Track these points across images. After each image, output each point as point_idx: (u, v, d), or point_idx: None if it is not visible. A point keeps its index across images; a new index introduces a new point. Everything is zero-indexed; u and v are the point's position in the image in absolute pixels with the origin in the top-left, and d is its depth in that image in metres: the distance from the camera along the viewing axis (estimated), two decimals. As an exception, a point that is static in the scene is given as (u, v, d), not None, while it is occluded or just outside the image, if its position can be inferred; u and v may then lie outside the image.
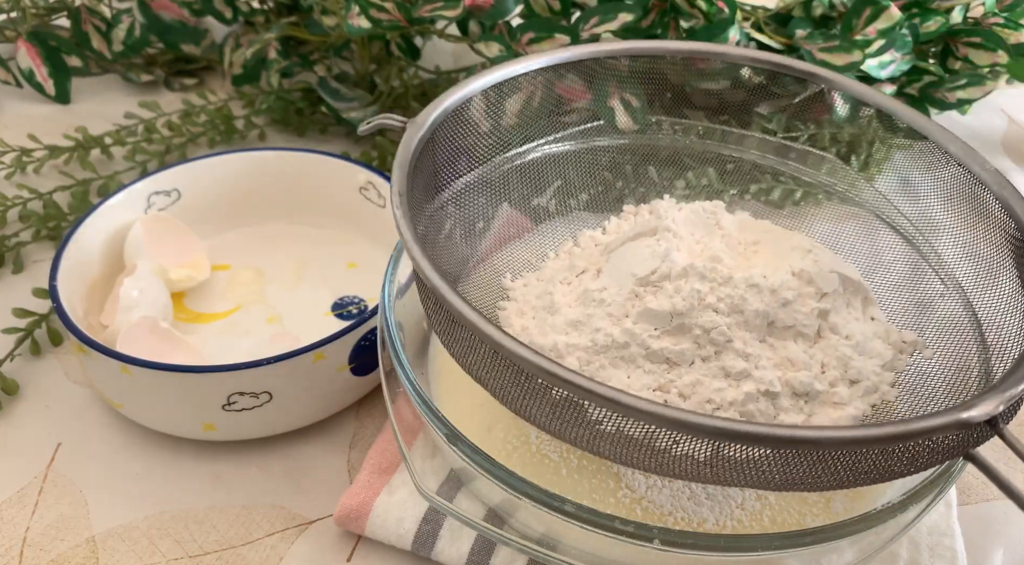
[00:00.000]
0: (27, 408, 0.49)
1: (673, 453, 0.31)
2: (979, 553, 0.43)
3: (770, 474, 0.32)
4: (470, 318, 0.32)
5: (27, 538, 0.43)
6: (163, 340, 0.47)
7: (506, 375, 0.33)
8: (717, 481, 0.32)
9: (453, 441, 0.37)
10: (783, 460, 0.31)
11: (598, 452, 0.33)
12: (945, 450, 0.32)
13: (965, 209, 0.41)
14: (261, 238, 0.58)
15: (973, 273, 0.41)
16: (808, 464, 0.31)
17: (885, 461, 0.32)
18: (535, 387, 0.33)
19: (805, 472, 0.31)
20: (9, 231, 0.60)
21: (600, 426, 0.32)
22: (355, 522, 0.42)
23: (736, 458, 0.31)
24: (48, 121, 0.71)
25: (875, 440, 0.29)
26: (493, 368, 0.34)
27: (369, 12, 0.58)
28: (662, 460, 0.32)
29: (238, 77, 0.70)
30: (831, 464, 0.31)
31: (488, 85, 0.44)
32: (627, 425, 0.31)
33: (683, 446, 0.31)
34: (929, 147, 0.43)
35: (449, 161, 0.43)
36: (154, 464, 0.46)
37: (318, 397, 0.46)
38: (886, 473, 0.32)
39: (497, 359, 0.33)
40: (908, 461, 0.32)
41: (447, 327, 0.36)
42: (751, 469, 0.31)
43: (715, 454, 0.31)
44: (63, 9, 0.73)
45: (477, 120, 0.44)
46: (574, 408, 0.32)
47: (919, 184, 0.44)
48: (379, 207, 0.55)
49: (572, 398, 0.32)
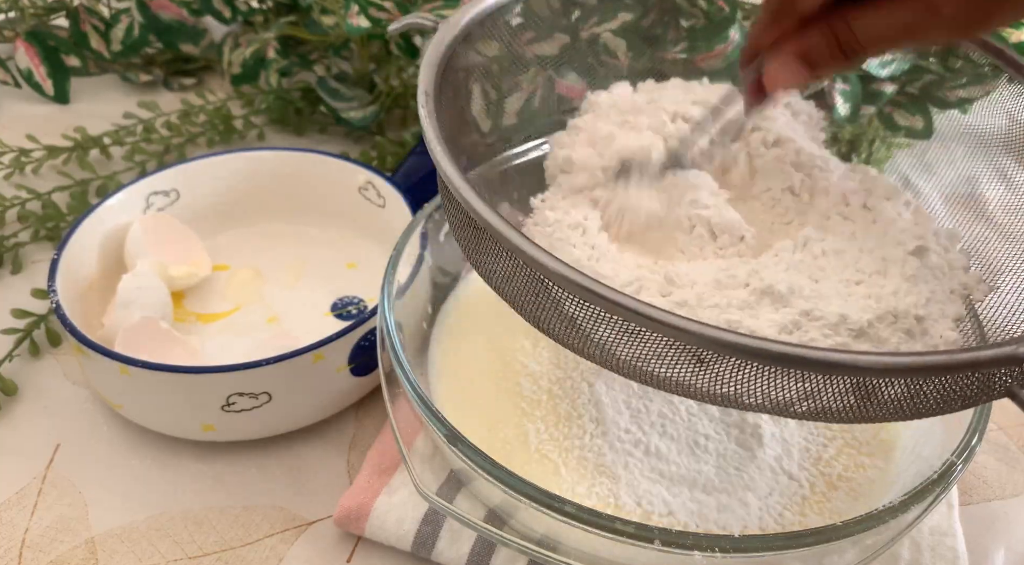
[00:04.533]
0: (26, 409, 0.49)
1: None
2: (980, 553, 0.43)
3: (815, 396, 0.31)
4: (496, 226, 0.31)
5: (26, 539, 0.43)
6: (162, 341, 0.47)
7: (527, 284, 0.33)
8: (775, 410, 0.32)
9: (453, 442, 0.37)
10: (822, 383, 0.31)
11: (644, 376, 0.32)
12: (990, 387, 0.31)
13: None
14: (260, 238, 0.58)
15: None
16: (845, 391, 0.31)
17: (930, 393, 0.31)
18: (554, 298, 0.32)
19: (838, 398, 0.31)
20: (8, 231, 0.60)
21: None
22: (355, 523, 0.42)
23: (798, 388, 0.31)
24: (47, 121, 0.71)
25: (926, 368, 0.29)
26: (515, 278, 0.33)
27: (368, 11, 0.58)
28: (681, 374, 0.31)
29: (237, 77, 0.70)
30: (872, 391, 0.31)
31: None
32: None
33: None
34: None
35: (477, 78, 0.42)
36: (153, 465, 0.46)
37: (317, 398, 0.46)
38: (923, 408, 0.32)
39: (518, 266, 0.33)
40: (947, 397, 0.31)
41: (470, 235, 0.35)
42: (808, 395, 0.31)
43: (790, 384, 0.30)
44: (62, 9, 0.73)
45: (511, 33, 0.42)
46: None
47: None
48: (378, 207, 0.55)
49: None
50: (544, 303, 0.33)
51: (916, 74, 0.64)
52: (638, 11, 0.58)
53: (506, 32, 0.44)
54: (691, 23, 0.58)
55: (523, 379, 0.45)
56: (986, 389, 0.31)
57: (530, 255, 0.30)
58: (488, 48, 0.43)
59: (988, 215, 0.41)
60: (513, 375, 0.45)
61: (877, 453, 0.43)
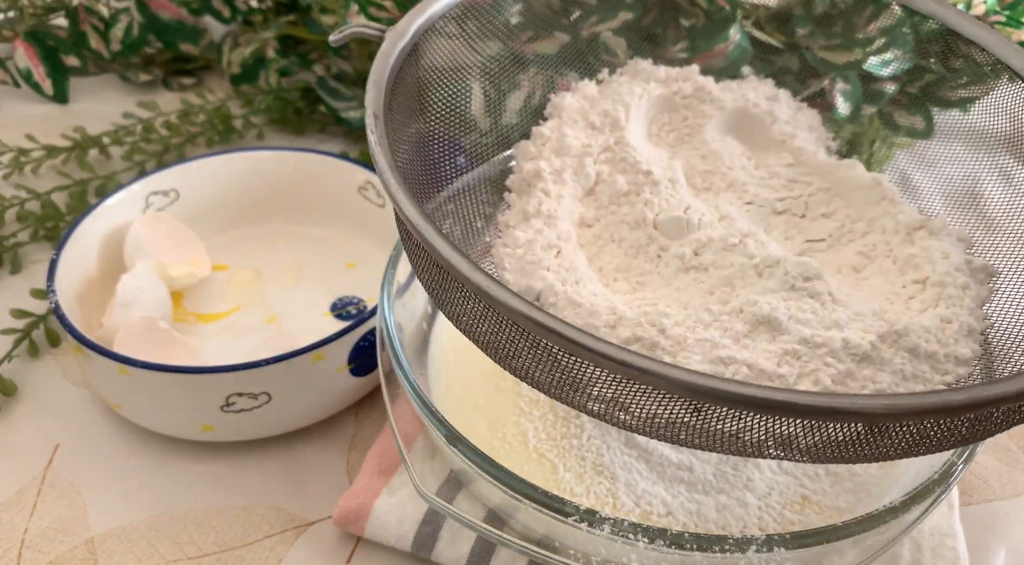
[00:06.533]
0: (25, 409, 0.49)
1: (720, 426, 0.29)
2: (981, 553, 0.42)
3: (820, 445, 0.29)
4: (453, 262, 0.28)
5: (25, 540, 0.43)
6: (162, 341, 0.47)
7: (498, 326, 0.30)
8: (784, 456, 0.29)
9: (453, 442, 0.37)
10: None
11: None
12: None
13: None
14: (260, 238, 0.58)
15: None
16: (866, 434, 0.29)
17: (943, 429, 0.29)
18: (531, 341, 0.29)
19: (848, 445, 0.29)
20: (7, 231, 0.59)
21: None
22: (355, 523, 0.42)
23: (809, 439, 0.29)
24: (46, 121, 0.71)
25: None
26: (484, 317, 0.31)
27: (368, 10, 0.58)
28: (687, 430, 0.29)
29: (236, 76, 0.70)
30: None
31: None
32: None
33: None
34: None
35: (435, 83, 0.37)
36: (153, 465, 0.46)
37: (317, 398, 0.46)
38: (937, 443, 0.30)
39: (488, 309, 0.30)
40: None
41: (432, 272, 0.32)
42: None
43: (807, 436, 0.28)
44: (61, 8, 0.73)
45: (470, 33, 0.38)
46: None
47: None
48: (378, 207, 0.55)
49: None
50: (521, 350, 0.30)
51: (917, 74, 0.64)
52: (638, 10, 0.58)
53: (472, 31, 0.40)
54: (691, 22, 0.58)
55: (523, 379, 0.45)
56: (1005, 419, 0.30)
57: (497, 298, 0.28)
58: (441, 55, 0.39)
59: (988, 215, 0.41)
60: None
61: (878, 453, 0.43)
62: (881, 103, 0.54)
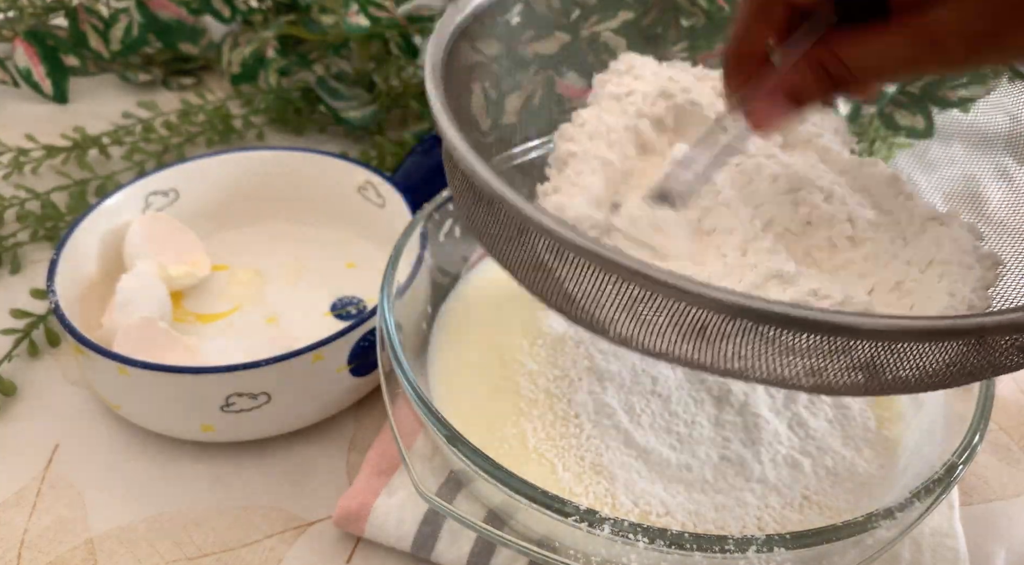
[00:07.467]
0: (25, 409, 0.49)
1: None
2: (981, 554, 0.42)
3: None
4: (501, 193, 0.31)
5: (25, 540, 0.43)
6: (161, 341, 0.47)
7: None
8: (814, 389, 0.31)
9: (452, 442, 0.37)
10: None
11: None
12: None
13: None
14: (259, 238, 0.58)
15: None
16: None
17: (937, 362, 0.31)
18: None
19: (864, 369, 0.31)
20: (6, 231, 0.59)
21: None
22: (354, 524, 0.42)
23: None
24: (45, 121, 0.71)
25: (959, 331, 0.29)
26: (518, 246, 0.33)
27: (368, 10, 0.58)
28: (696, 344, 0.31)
29: (236, 76, 0.70)
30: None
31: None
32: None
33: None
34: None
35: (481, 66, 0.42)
36: (152, 465, 0.46)
37: (317, 398, 0.46)
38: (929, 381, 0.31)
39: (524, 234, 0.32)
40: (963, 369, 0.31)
41: (472, 203, 0.35)
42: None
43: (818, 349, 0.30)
44: (60, 8, 0.73)
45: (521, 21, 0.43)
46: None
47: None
48: (378, 207, 0.55)
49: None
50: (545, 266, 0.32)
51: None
52: (638, 10, 0.58)
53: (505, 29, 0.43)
54: (691, 22, 0.58)
55: (521, 378, 0.45)
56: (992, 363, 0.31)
57: (537, 221, 0.30)
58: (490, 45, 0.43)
59: (989, 214, 0.41)
60: (512, 374, 0.45)
61: (878, 453, 0.43)
62: (881, 103, 0.54)
